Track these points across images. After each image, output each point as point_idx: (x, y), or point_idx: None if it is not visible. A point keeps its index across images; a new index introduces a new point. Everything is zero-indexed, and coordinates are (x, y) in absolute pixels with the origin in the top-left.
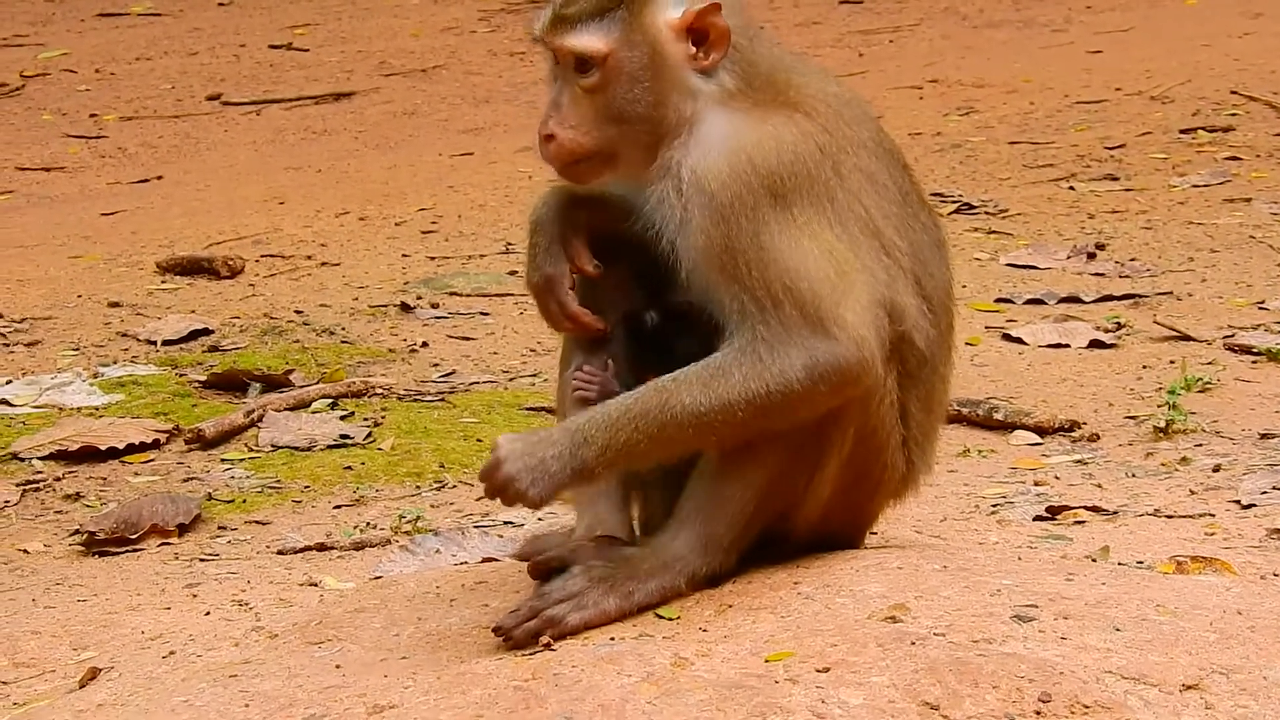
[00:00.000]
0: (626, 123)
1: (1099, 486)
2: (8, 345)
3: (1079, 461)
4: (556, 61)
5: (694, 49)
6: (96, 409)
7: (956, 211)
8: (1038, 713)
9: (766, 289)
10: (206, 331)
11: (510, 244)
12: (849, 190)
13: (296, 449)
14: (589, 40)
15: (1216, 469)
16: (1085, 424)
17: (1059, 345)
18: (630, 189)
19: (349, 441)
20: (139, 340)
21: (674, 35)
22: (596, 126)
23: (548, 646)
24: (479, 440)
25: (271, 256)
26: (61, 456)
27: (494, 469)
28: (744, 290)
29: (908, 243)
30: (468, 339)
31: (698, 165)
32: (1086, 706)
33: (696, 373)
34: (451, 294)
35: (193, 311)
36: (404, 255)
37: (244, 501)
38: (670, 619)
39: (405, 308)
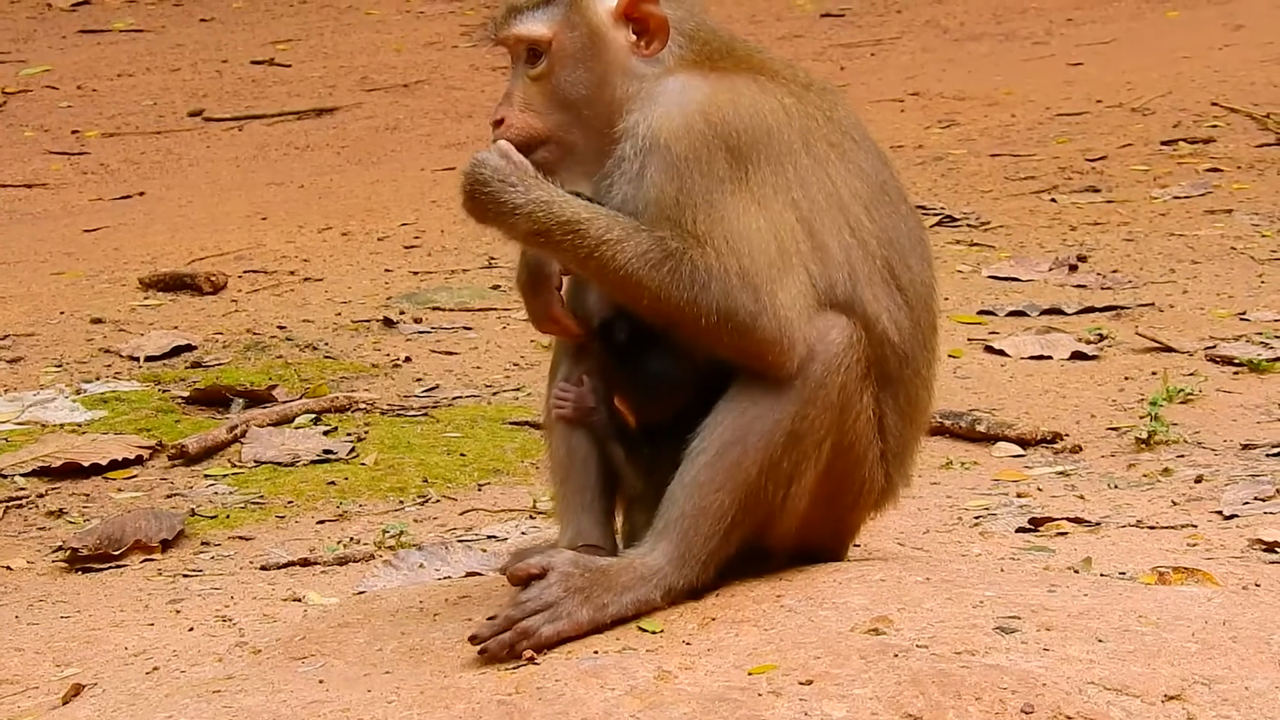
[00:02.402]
0: (575, 108)
1: (1081, 498)
2: None
3: (1061, 473)
4: (512, 58)
5: (635, 37)
6: (79, 425)
7: (938, 224)
8: None
9: (710, 239)
10: (189, 347)
11: (493, 258)
12: (815, 157)
13: (280, 464)
14: (533, 26)
15: (1198, 480)
16: (1067, 435)
17: (1041, 357)
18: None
19: (332, 457)
20: (122, 356)
21: (612, 21)
22: (546, 112)
23: (531, 660)
24: (462, 455)
25: (254, 272)
26: (44, 473)
27: (479, 154)
28: (688, 233)
29: (878, 227)
30: (451, 354)
31: (654, 122)
32: (1069, 717)
33: (638, 243)
34: (434, 309)
35: (175, 327)
36: (387, 270)
37: (227, 517)
38: (654, 632)
39: (388, 323)
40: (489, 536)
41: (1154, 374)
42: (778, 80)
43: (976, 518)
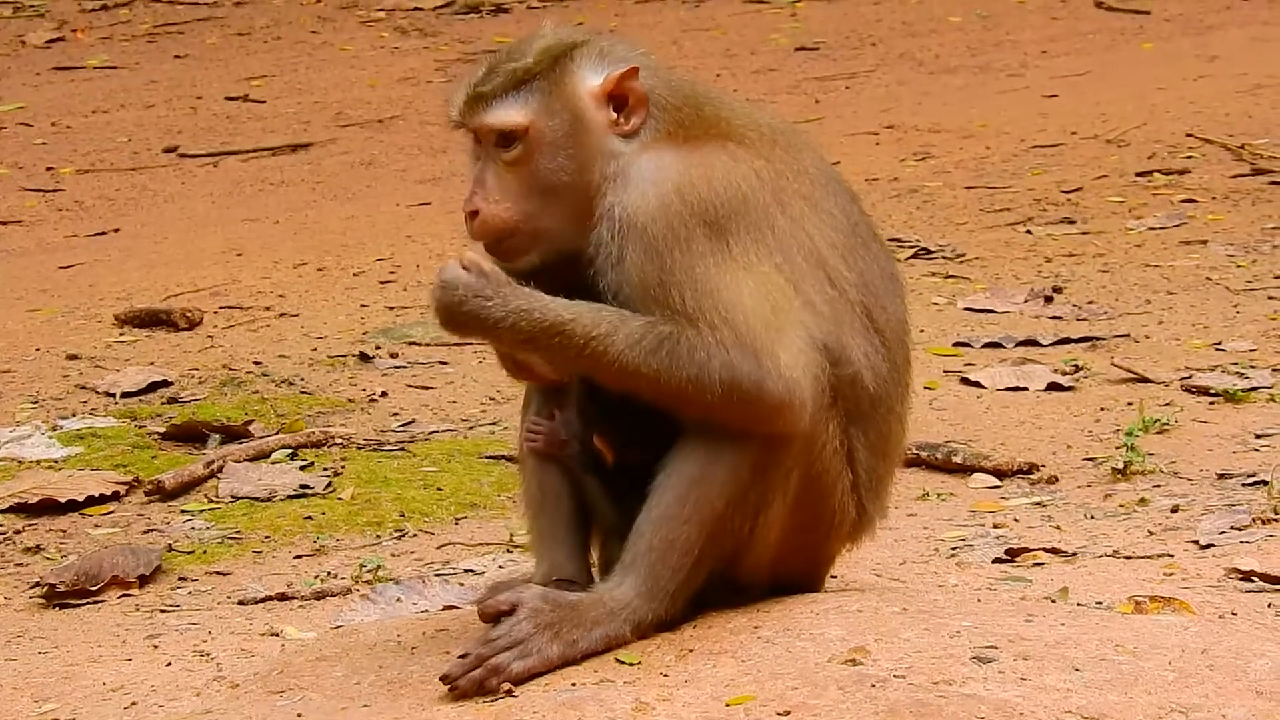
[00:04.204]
0: (553, 193)
1: (1058, 528)
2: None
3: (1038, 503)
4: (477, 141)
5: (615, 115)
6: (56, 461)
7: (914, 256)
8: None
9: (702, 315)
10: (165, 383)
11: None
12: (791, 217)
13: (256, 499)
14: (508, 114)
15: (1175, 510)
16: (1044, 466)
17: (1017, 388)
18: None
19: (309, 491)
20: (98, 393)
21: (594, 102)
22: (523, 200)
23: (509, 693)
24: (439, 489)
25: (230, 308)
26: (21, 509)
27: (444, 272)
28: (679, 315)
29: (856, 273)
30: (427, 388)
31: (628, 204)
32: None
33: (629, 332)
34: (410, 343)
35: (151, 363)
36: (362, 305)
37: (204, 552)
38: (631, 664)
39: (364, 358)
40: (466, 570)
41: (1130, 404)
42: (746, 144)
43: (953, 548)
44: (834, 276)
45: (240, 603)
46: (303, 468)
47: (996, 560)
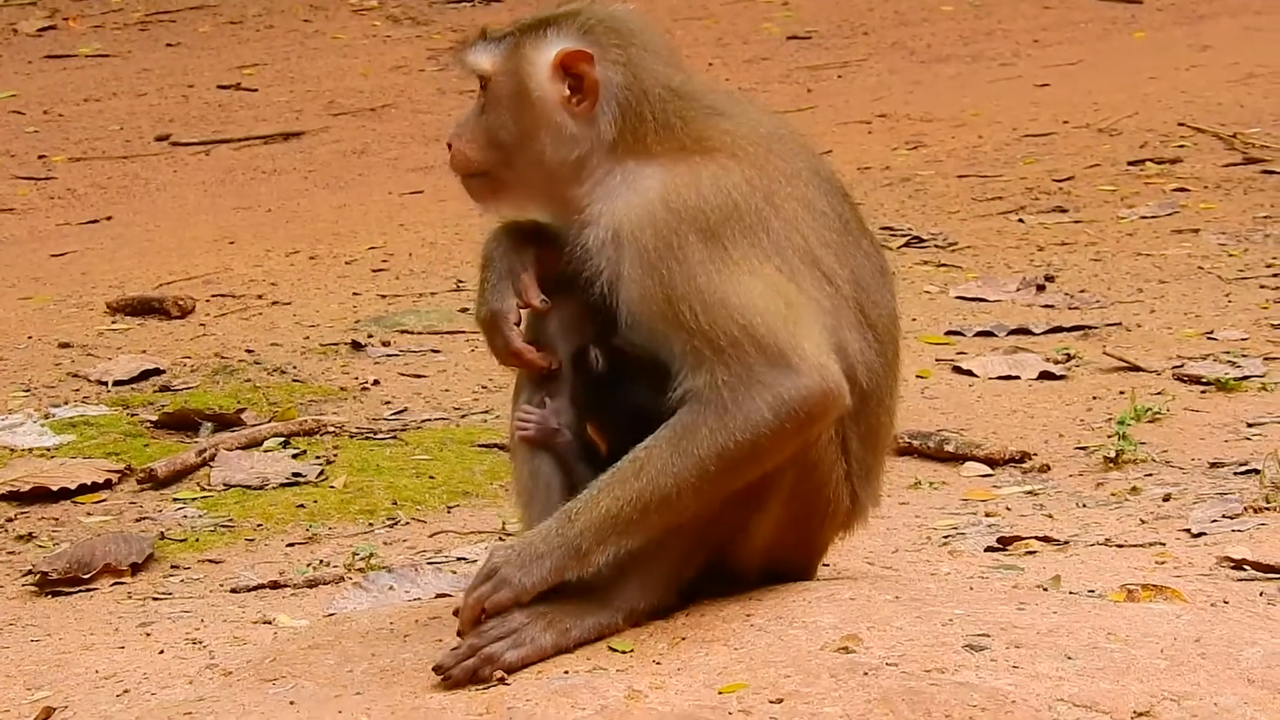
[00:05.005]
0: (505, 149)
1: (1050, 517)
2: None
3: (1030, 492)
4: None
5: (569, 93)
6: (48, 450)
7: (906, 245)
8: None
9: (720, 332)
10: (158, 371)
11: (461, 281)
12: (784, 219)
13: (249, 488)
14: (476, 58)
15: (1166, 498)
16: (1036, 455)
17: (1009, 377)
18: (562, 227)
19: (301, 480)
20: (90, 381)
21: (549, 73)
22: (487, 146)
23: (501, 680)
24: (431, 477)
25: (222, 296)
26: (13, 497)
27: (483, 568)
28: (694, 336)
29: (849, 270)
30: (419, 376)
31: (617, 216)
32: None
33: (665, 435)
34: (403, 332)
35: (144, 351)
36: (355, 294)
37: (196, 540)
38: (624, 651)
39: (356, 346)
40: (459, 558)
41: (1122, 393)
42: (738, 157)
43: (945, 537)
44: (829, 274)
45: (233, 591)
46: (295, 456)
47: (988, 549)
